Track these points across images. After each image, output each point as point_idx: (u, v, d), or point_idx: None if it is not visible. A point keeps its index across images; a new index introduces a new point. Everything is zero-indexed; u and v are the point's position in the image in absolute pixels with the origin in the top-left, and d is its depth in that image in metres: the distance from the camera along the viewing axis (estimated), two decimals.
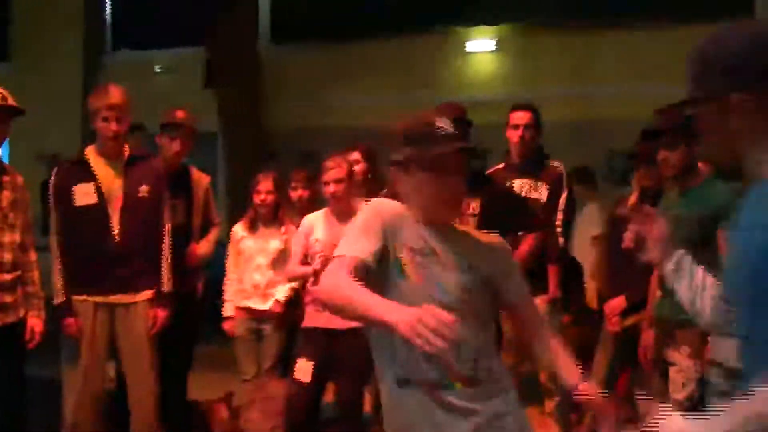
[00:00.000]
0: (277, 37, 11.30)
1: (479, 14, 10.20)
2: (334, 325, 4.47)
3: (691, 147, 3.91)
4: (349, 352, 4.42)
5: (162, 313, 4.39)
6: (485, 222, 3.97)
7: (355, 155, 5.20)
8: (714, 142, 1.80)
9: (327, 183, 4.56)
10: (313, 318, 4.56)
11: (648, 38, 9.32)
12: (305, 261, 4.73)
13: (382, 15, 10.46)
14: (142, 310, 4.36)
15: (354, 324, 4.33)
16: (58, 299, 4.31)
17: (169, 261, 4.46)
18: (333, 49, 10.51)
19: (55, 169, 4.47)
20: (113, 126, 4.30)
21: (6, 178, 4.10)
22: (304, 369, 4.49)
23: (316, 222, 4.67)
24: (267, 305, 5.16)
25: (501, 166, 5.13)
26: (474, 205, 4.03)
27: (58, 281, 4.32)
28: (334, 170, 4.57)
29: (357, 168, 5.17)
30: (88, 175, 4.35)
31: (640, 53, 9.36)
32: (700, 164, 3.94)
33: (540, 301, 4.44)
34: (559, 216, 4.93)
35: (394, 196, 2.44)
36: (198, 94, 10.23)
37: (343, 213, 4.59)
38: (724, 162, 1.88)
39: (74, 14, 11.94)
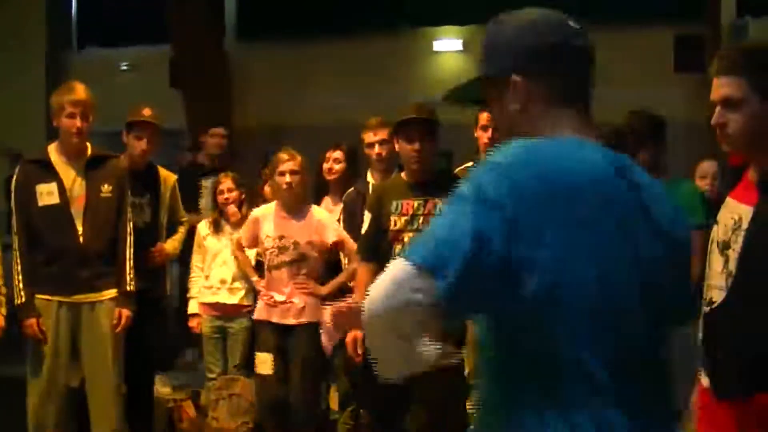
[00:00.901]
0: (243, 35, 11.24)
1: (446, 14, 10.21)
2: (286, 321, 4.47)
3: (658, 145, 4.00)
4: (302, 348, 4.41)
5: (126, 313, 4.36)
6: None
7: (337, 154, 5.19)
8: (500, 123, 1.77)
9: (283, 173, 4.52)
10: (265, 311, 4.55)
11: (610, 42, 9.37)
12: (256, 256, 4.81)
13: (349, 14, 10.45)
14: (106, 309, 4.33)
15: (305, 319, 4.40)
16: (19, 299, 4.25)
17: (132, 261, 4.43)
18: (300, 48, 10.47)
19: (17, 168, 4.43)
20: (78, 122, 4.26)
21: None
22: (263, 362, 4.48)
23: (265, 216, 4.66)
24: (235, 299, 5.18)
25: (470, 164, 5.12)
26: (440, 206, 4.01)
27: (19, 281, 4.26)
28: (290, 162, 4.54)
29: (337, 167, 5.17)
30: (50, 175, 4.30)
31: (604, 57, 9.40)
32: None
33: None
34: None
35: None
36: (164, 92, 10.16)
37: (294, 207, 4.58)
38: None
39: (39, 11, 11.80)
